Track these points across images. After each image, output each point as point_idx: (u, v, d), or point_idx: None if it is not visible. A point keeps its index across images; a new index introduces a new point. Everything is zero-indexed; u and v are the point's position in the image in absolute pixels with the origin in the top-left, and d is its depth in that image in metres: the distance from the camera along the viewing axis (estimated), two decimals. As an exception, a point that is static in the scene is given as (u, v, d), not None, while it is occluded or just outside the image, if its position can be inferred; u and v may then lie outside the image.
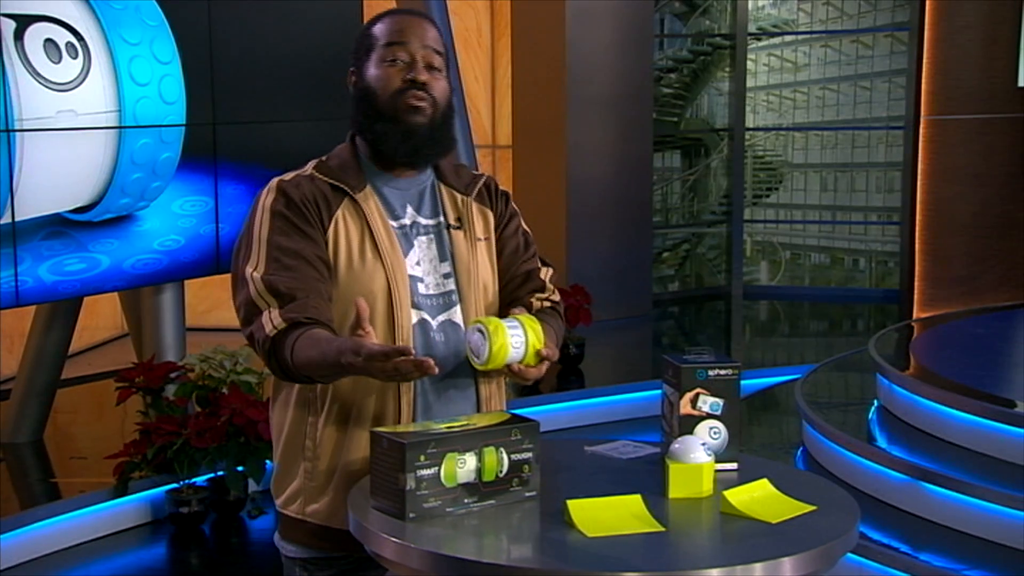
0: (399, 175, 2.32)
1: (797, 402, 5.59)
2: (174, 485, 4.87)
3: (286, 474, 2.32)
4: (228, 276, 2.29)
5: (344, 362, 2.02)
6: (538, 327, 2.17)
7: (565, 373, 6.70)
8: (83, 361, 7.33)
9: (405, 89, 2.25)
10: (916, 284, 8.19)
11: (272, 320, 2.14)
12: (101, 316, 7.89)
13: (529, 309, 2.36)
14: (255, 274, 2.18)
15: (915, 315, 8.03)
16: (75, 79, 4.72)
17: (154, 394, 5.06)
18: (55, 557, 4.62)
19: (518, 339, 2.13)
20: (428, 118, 2.26)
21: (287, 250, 2.18)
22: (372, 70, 2.28)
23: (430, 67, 2.27)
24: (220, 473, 4.90)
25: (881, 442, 4.97)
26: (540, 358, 2.17)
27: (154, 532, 4.90)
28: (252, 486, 5.00)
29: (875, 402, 5.49)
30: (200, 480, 4.92)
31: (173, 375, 5.08)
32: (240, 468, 4.87)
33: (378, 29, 2.30)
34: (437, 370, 2.00)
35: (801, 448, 5.51)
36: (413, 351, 1.97)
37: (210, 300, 7.68)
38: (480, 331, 2.14)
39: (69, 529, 4.72)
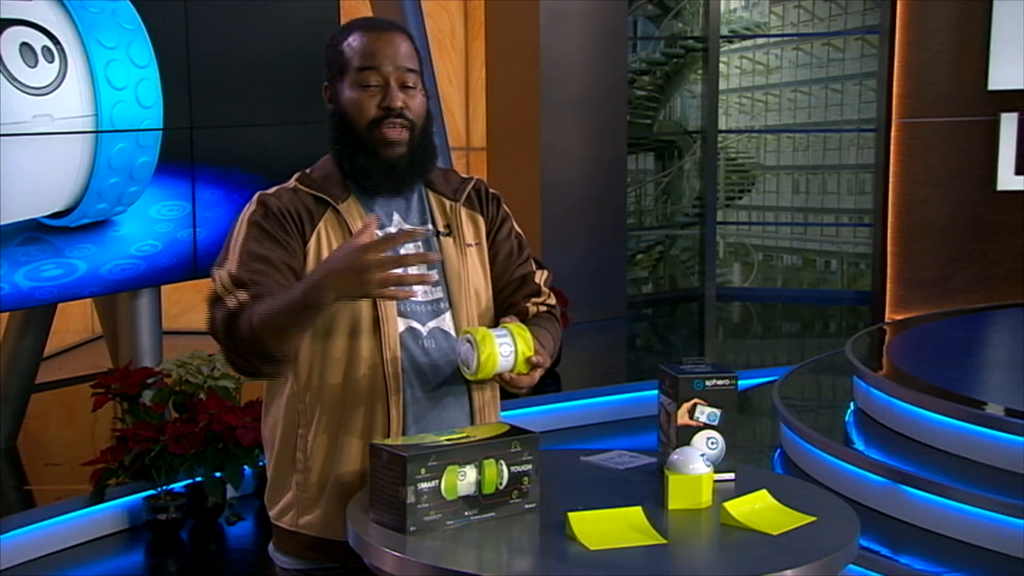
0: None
1: (774, 404, 5.61)
2: (151, 492, 4.83)
3: (278, 486, 2.30)
4: (202, 280, 2.28)
5: (311, 283, 2.02)
6: (527, 334, 2.16)
7: (541, 376, 6.66)
8: (54, 365, 7.26)
9: (381, 118, 2.22)
10: (888, 286, 8.24)
11: (237, 297, 2.13)
12: (72, 319, 7.82)
13: (525, 314, 2.35)
14: (221, 272, 2.18)
15: (887, 317, 8.07)
16: (51, 83, 4.67)
17: (131, 400, 5.02)
18: (31, 565, 4.57)
19: (507, 348, 2.13)
20: (407, 145, 2.25)
21: (256, 255, 2.18)
22: (347, 93, 2.25)
23: (404, 86, 2.24)
24: (198, 479, 4.87)
25: (859, 445, 5.00)
26: (531, 365, 2.16)
27: (131, 539, 4.86)
28: (230, 492, 4.97)
29: (852, 404, 5.53)
30: (178, 487, 4.89)
31: (150, 381, 5.04)
32: (218, 474, 4.84)
33: (349, 48, 2.25)
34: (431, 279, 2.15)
35: (778, 450, 5.54)
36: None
37: (183, 303, 7.62)
38: (468, 341, 2.13)
39: (45, 537, 4.67)
